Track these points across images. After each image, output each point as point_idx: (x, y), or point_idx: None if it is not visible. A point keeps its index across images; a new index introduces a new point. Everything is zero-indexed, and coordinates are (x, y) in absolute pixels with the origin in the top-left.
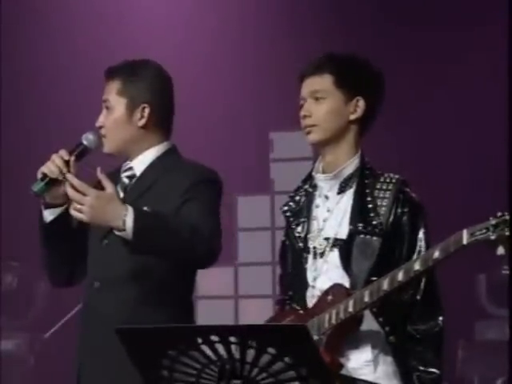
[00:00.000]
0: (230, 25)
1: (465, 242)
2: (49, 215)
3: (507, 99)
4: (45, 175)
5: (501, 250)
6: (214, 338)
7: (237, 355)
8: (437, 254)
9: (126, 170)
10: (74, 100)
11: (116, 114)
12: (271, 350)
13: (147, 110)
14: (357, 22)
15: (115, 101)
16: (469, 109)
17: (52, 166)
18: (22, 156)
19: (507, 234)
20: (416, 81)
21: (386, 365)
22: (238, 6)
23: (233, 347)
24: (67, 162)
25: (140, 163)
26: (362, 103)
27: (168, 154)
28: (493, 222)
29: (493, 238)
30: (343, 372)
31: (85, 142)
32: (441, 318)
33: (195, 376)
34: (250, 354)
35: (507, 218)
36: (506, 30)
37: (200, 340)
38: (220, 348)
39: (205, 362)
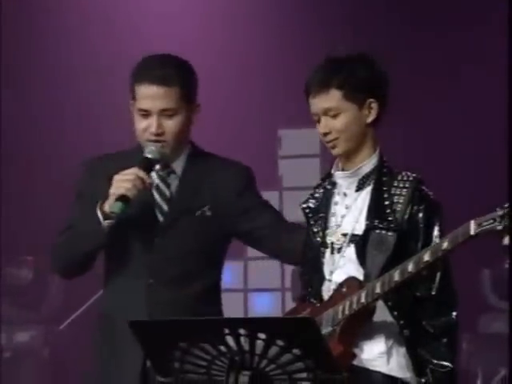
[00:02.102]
0: (240, 23)
1: (472, 232)
2: (107, 225)
3: (507, 97)
4: (123, 196)
5: (507, 241)
6: (224, 330)
7: (246, 347)
8: (445, 245)
9: (164, 167)
10: (88, 100)
11: (182, 119)
12: (279, 342)
13: (198, 108)
14: (365, 21)
15: (179, 107)
16: (472, 107)
17: (135, 191)
18: (38, 156)
19: None
20: (421, 80)
21: (400, 357)
22: (247, 5)
23: (242, 339)
24: (144, 183)
25: (177, 160)
26: (375, 105)
27: (195, 149)
28: (500, 212)
29: (499, 228)
30: (357, 363)
31: (149, 156)
32: (455, 313)
33: (206, 367)
34: (259, 345)
35: None
36: (506, 30)
37: (210, 332)
38: (230, 340)
39: (215, 353)
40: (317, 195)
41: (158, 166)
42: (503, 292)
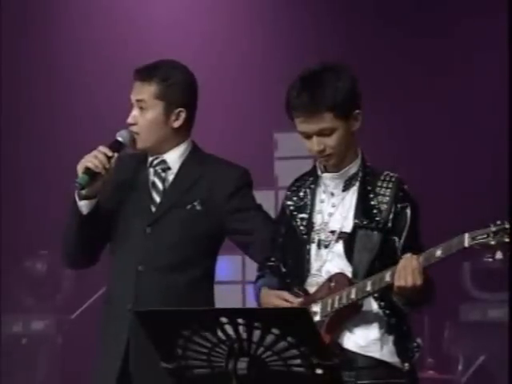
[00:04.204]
0: (238, 27)
1: (466, 244)
2: (85, 207)
3: (508, 98)
4: (88, 169)
5: (499, 255)
6: (223, 319)
7: (244, 335)
8: (439, 253)
9: (159, 163)
10: (95, 97)
11: (152, 116)
12: (275, 331)
13: (183, 114)
14: (361, 24)
15: (152, 103)
16: (473, 110)
17: (96, 162)
18: (50, 155)
19: (506, 240)
20: (415, 82)
21: (390, 343)
22: (246, 10)
23: (240, 328)
24: (109, 158)
25: (173, 158)
26: (360, 114)
27: (195, 150)
28: (493, 228)
29: (493, 243)
30: (354, 349)
31: (120, 139)
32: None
33: (206, 354)
34: (256, 334)
35: (506, 226)
36: (506, 30)
37: (211, 321)
38: (229, 329)
39: (215, 341)
40: (301, 194)
41: (155, 162)
42: (481, 283)
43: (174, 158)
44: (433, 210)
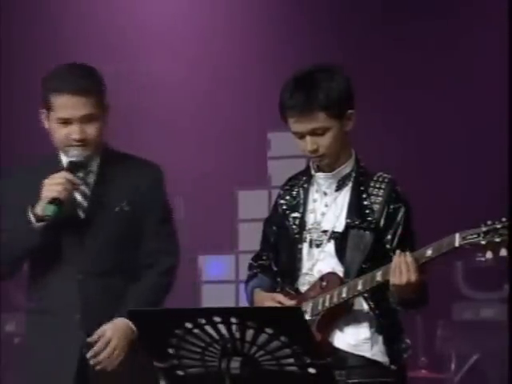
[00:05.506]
0: (234, 30)
1: (457, 244)
2: (40, 228)
3: (508, 100)
4: (56, 199)
5: (489, 255)
6: (216, 319)
7: (237, 335)
8: (429, 253)
9: (79, 167)
10: None
11: (100, 123)
12: (268, 330)
13: (109, 109)
14: (352, 23)
15: (96, 112)
16: (469, 109)
17: (66, 193)
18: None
19: (497, 240)
20: (413, 82)
21: (380, 343)
22: (242, 12)
23: (233, 327)
24: (74, 185)
25: (94, 160)
26: (353, 114)
27: (109, 148)
28: (484, 228)
29: (483, 242)
30: (345, 348)
31: (74, 159)
32: None
33: (200, 353)
34: (249, 333)
35: (497, 226)
36: (506, 28)
37: (204, 321)
38: (222, 328)
39: (208, 340)
40: (294, 193)
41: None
42: (473, 283)
43: (93, 159)
44: (432, 210)
